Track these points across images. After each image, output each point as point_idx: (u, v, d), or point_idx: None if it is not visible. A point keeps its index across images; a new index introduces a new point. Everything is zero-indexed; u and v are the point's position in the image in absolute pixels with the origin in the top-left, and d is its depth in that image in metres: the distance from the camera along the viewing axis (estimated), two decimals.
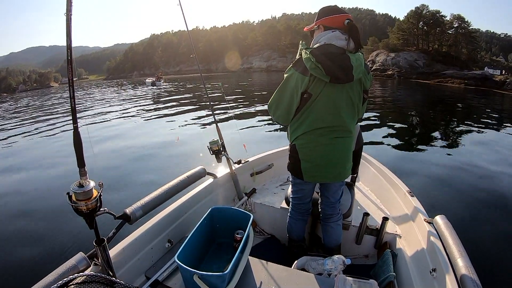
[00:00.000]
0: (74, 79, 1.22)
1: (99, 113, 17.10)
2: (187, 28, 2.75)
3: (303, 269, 2.01)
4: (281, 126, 2.12)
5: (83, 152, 1.26)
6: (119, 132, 10.93)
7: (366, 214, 2.40)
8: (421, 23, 49.63)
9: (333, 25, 1.84)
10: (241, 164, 3.06)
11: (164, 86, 36.73)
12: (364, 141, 2.67)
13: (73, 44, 1.18)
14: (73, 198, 1.24)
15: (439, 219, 1.89)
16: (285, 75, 1.91)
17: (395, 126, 10.32)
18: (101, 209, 1.34)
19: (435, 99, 19.52)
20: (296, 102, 1.89)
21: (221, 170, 2.87)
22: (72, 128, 1.25)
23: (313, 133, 1.93)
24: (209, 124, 10.54)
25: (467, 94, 22.60)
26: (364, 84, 1.92)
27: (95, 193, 1.28)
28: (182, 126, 11.37)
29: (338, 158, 1.98)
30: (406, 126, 10.78)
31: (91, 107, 20.90)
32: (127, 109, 17.93)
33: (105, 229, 1.47)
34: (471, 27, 48.40)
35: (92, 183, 1.27)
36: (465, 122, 11.16)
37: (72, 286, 1.27)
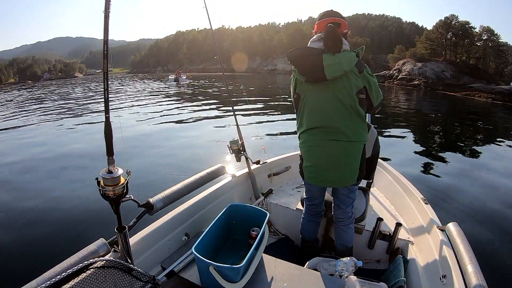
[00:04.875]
0: (108, 71, 1.28)
1: (125, 106, 17.63)
2: (212, 31, 2.87)
3: (315, 270, 2.03)
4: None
5: (112, 141, 1.31)
6: (142, 126, 11.29)
7: (380, 219, 2.41)
8: (449, 33, 48.64)
9: (319, 30, 1.95)
10: (259, 165, 3.10)
11: (186, 83, 37.18)
12: (383, 148, 2.67)
13: (100, 37, 1.25)
14: (102, 183, 1.31)
15: (451, 226, 1.88)
16: None
17: (418, 135, 10.27)
18: (126, 195, 1.39)
19: (461, 112, 19.08)
20: (294, 100, 2.09)
21: (240, 169, 2.93)
22: (104, 118, 1.31)
23: (308, 132, 2.03)
24: (230, 124, 10.59)
25: (494, 109, 22.01)
26: (356, 83, 1.88)
27: (122, 180, 1.34)
28: (204, 124, 11.60)
29: (334, 162, 1.99)
30: (429, 136, 10.65)
31: (117, 100, 21.37)
32: (152, 105, 18.22)
33: (126, 218, 1.52)
34: (500, 40, 47.24)
35: (120, 170, 1.32)
36: (490, 137, 10.92)
37: (92, 269, 1.32)
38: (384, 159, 3.57)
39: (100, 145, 1.32)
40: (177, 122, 12.03)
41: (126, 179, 1.36)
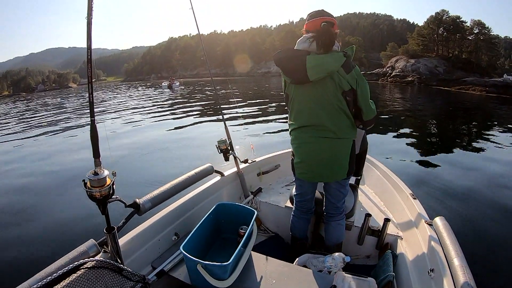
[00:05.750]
0: (93, 80, 1.33)
1: (116, 111, 18.06)
2: (198, 30, 2.87)
3: (305, 266, 2.05)
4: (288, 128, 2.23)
5: (98, 144, 1.35)
6: (133, 129, 11.60)
7: (368, 215, 2.42)
8: (441, 29, 48.78)
9: (311, 29, 1.93)
10: (248, 164, 3.12)
11: (179, 89, 37.32)
12: (378, 145, 2.68)
13: (92, 46, 1.29)
14: (88, 185, 1.34)
15: (438, 221, 1.93)
16: None
17: (412, 131, 10.24)
18: (113, 196, 1.42)
19: (455, 106, 19.02)
20: (284, 99, 2.14)
21: (228, 168, 2.94)
22: (90, 121, 1.34)
23: (298, 130, 2.07)
24: (218, 124, 10.83)
25: (488, 102, 21.94)
26: (340, 84, 1.87)
27: (108, 181, 1.37)
28: (193, 125, 11.77)
29: (323, 158, 2.02)
30: (423, 131, 10.67)
31: (109, 106, 21.70)
32: (142, 108, 18.69)
33: (116, 219, 1.55)
34: (491, 33, 47.44)
35: (106, 172, 1.36)
36: (483, 130, 10.92)
37: (83, 270, 1.35)
38: (376, 156, 3.59)
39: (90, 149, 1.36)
40: (166, 124, 12.20)
41: (112, 180, 1.39)
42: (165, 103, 21.71)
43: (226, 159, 2.78)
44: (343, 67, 1.84)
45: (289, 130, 2.18)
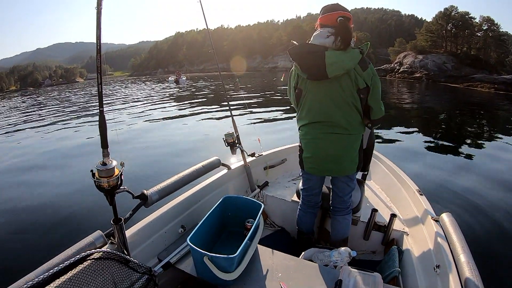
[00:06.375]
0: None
1: (123, 103, 18.46)
2: (206, 22, 2.81)
3: (310, 260, 2.04)
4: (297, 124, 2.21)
5: (106, 134, 1.35)
6: (141, 122, 11.68)
7: (375, 210, 2.42)
8: (450, 24, 48.25)
9: (326, 23, 1.89)
10: (254, 157, 3.12)
11: (186, 83, 37.44)
12: (385, 140, 2.67)
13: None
14: (96, 175, 1.34)
15: (445, 217, 1.92)
16: None
17: (420, 128, 10.18)
18: (121, 187, 1.42)
19: (463, 103, 18.85)
20: (293, 94, 2.08)
21: (235, 162, 2.94)
22: (98, 111, 1.34)
23: (309, 126, 2.04)
24: (226, 117, 10.86)
25: (497, 99, 21.73)
26: (356, 82, 1.86)
27: (116, 171, 1.37)
28: (200, 118, 11.83)
29: (334, 153, 2.02)
30: (431, 128, 10.56)
31: (117, 99, 21.93)
32: (150, 102, 18.82)
33: (122, 211, 1.56)
34: (500, 30, 46.84)
35: (114, 162, 1.36)
36: (492, 128, 10.85)
37: (89, 260, 1.35)
38: (383, 151, 3.57)
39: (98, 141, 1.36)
40: (174, 118, 12.28)
41: (120, 171, 1.39)
42: (172, 97, 21.94)
43: (233, 152, 2.78)
44: (360, 64, 1.83)
45: (299, 125, 2.15)
